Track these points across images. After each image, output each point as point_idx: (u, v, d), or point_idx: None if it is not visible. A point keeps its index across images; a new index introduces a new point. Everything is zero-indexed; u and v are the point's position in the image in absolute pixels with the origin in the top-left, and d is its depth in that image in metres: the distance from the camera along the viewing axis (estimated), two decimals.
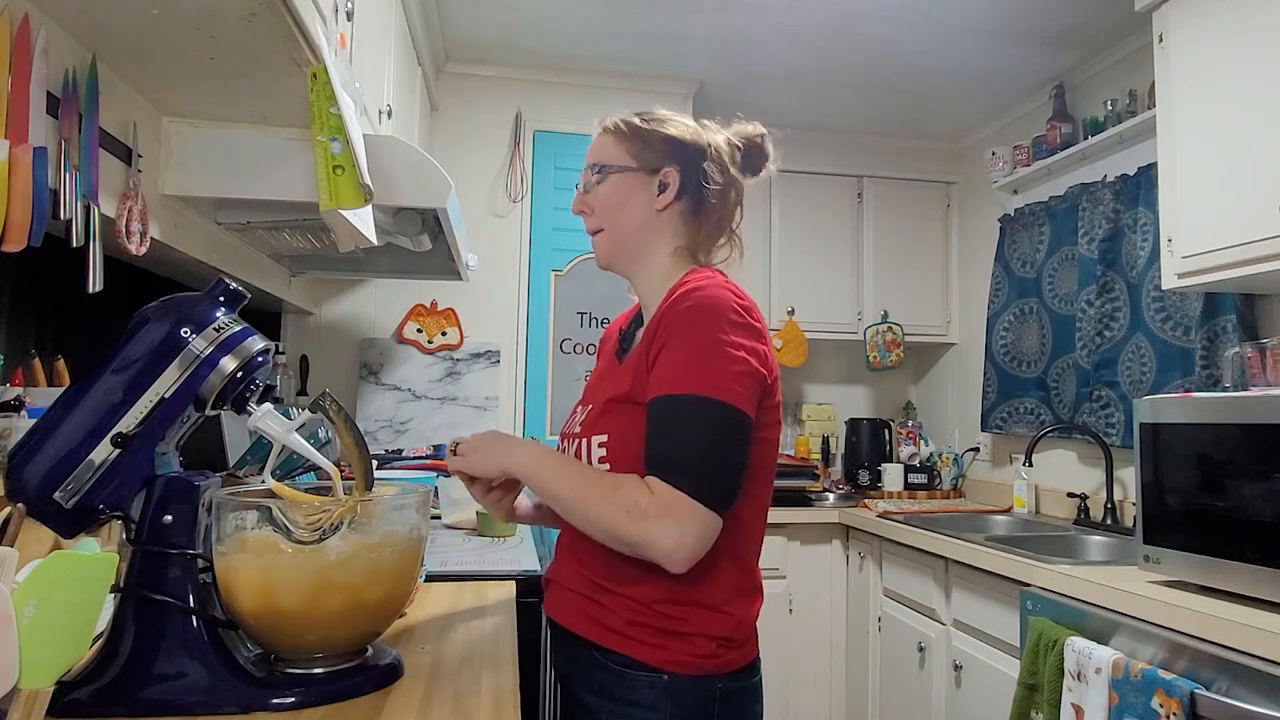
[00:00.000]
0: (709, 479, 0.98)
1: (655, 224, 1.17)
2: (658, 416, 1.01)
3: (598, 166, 1.19)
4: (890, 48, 2.78)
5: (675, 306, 1.05)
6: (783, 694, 2.94)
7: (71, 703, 0.85)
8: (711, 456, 0.98)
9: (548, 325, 2.99)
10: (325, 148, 1.23)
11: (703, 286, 1.06)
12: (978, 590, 2.25)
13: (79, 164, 1.12)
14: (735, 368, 1.01)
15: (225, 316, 0.97)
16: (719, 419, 0.99)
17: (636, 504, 0.97)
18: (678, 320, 1.04)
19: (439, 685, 0.99)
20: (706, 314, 1.03)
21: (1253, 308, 2.21)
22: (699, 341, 1.02)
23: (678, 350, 1.02)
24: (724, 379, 1.00)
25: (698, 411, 0.99)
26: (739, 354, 1.02)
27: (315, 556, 0.91)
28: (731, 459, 1.00)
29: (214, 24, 1.11)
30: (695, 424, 0.99)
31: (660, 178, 1.16)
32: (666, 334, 1.04)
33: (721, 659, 1.05)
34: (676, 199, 1.17)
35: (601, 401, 1.13)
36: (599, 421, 1.11)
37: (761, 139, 1.21)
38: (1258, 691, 1.36)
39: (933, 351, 3.71)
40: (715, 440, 0.99)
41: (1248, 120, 1.84)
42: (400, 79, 2.19)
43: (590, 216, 1.20)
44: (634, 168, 1.17)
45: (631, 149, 1.18)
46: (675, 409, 1.00)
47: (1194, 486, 1.66)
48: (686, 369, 1.01)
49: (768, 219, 3.43)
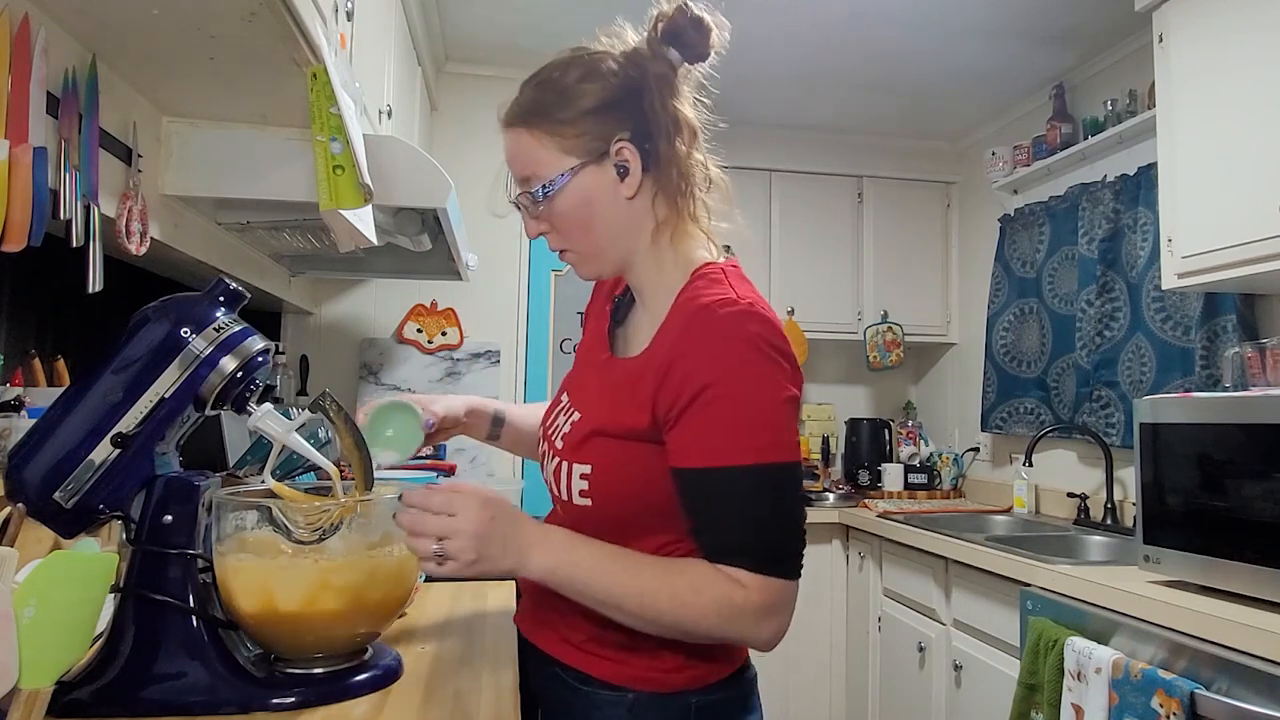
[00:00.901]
0: (793, 555, 0.88)
1: (632, 216, 0.95)
2: (716, 494, 0.86)
3: (535, 181, 0.94)
4: (890, 48, 2.78)
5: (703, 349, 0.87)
6: (783, 694, 2.94)
7: (71, 703, 0.85)
8: (789, 528, 0.88)
9: (548, 325, 2.99)
10: (325, 148, 1.23)
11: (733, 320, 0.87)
12: (978, 590, 2.25)
13: (79, 164, 1.12)
14: (787, 416, 0.87)
15: (225, 316, 0.97)
16: (785, 482, 0.87)
17: (730, 602, 0.85)
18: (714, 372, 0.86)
19: (439, 685, 0.99)
20: (751, 362, 0.86)
21: (1253, 308, 2.21)
22: (747, 397, 0.86)
23: (721, 410, 0.85)
24: (780, 434, 0.86)
25: (765, 482, 0.86)
26: (785, 394, 0.87)
27: (315, 556, 0.91)
28: (799, 515, 0.90)
29: (214, 24, 1.10)
30: (766, 497, 0.86)
31: (615, 159, 0.93)
32: (697, 386, 0.86)
33: (691, 672, 0.94)
34: (646, 172, 0.94)
35: (590, 418, 0.96)
36: (584, 447, 0.95)
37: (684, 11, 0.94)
38: (1258, 691, 1.36)
39: (933, 351, 3.71)
40: (788, 509, 0.88)
41: (1248, 120, 1.84)
42: (400, 79, 2.19)
43: (551, 235, 0.98)
44: (578, 164, 0.93)
45: (563, 142, 0.93)
46: (740, 485, 0.85)
47: (1194, 486, 1.66)
48: (738, 433, 0.85)
49: (768, 219, 3.43)
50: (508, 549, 0.86)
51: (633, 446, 0.91)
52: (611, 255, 0.98)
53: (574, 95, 0.93)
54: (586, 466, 0.93)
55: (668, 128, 0.94)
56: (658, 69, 0.94)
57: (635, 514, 0.93)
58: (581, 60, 0.96)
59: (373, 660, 0.99)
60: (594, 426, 0.95)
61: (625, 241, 0.97)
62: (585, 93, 0.93)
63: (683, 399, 0.86)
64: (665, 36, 0.95)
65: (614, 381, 0.97)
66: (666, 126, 0.94)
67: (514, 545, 0.86)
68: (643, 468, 0.91)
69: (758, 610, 0.85)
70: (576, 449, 0.95)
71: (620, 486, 0.92)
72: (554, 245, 1.00)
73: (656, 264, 0.98)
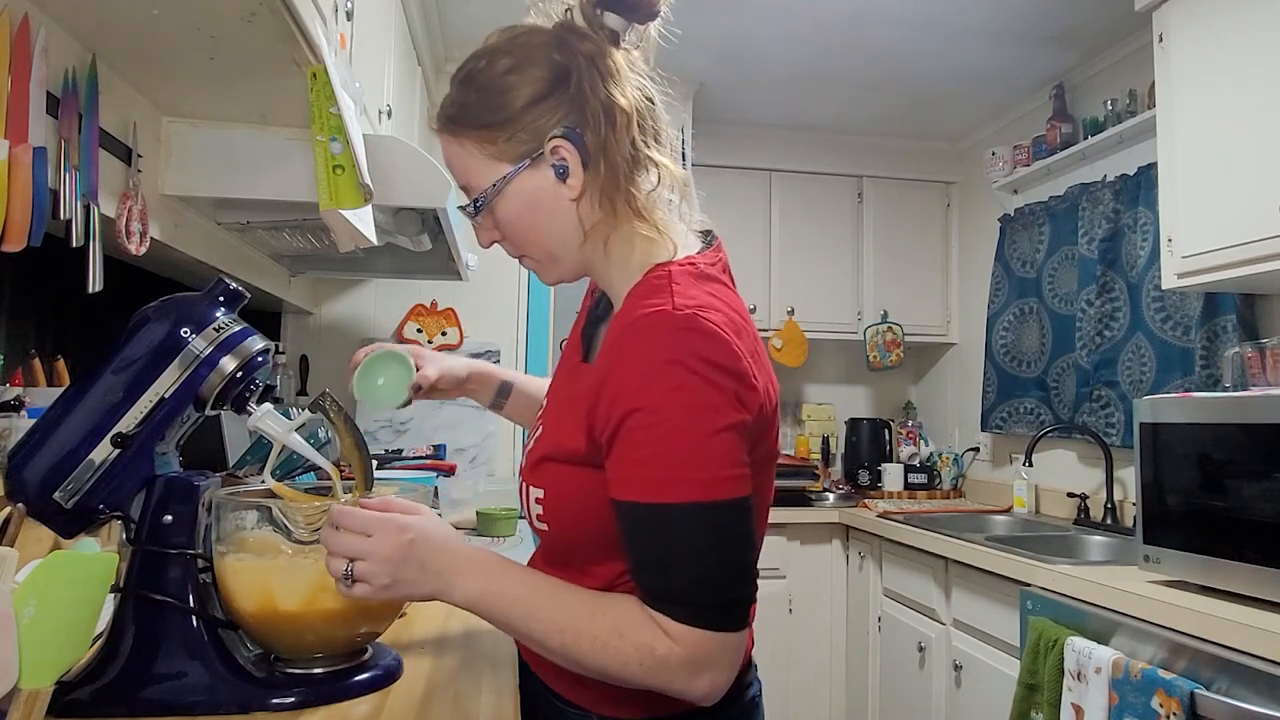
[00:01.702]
0: (731, 602, 0.77)
1: (580, 217, 0.87)
2: (647, 533, 0.77)
3: (471, 192, 0.88)
4: (890, 48, 2.78)
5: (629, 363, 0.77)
6: (783, 694, 2.94)
7: (71, 703, 0.85)
8: (727, 573, 0.77)
9: (548, 325, 2.99)
10: (325, 148, 1.23)
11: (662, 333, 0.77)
12: (978, 590, 2.25)
13: (79, 164, 1.12)
14: (728, 446, 0.76)
15: (225, 316, 0.97)
16: (724, 522, 0.76)
17: (653, 653, 0.75)
18: (635, 389, 0.76)
19: (439, 685, 0.99)
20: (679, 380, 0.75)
21: (1253, 308, 2.21)
22: (676, 425, 0.75)
23: (645, 438, 0.76)
24: (717, 468, 0.75)
25: (698, 522, 0.75)
26: (725, 421, 0.76)
27: (315, 556, 0.90)
28: (745, 562, 0.79)
29: (214, 24, 1.10)
30: (699, 538, 0.76)
31: (552, 160, 0.85)
32: (624, 410, 0.76)
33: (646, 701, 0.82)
34: (586, 168, 0.85)
35: (546, 438, 0.90)
36: (538, 470, 0.88)
37: None
38: (1258, 691, 1.36)
39: (933, 351, 3.71)
40: (726, 550, 0.77)
41: (1248, 120, 1.84)
42: (400, 79, 2.19)
43: (504, 242, 0.92)
44: (511, 171, 0.85)
45: (493, 148, 0.86)
46: (667, 525, 0.76)
47: (1194, 486, 1.66)
48: (668, 467, 0.75)
49: (768, 219, 3.43)
50: (427, 573, 0.79)
51: (581, 472, 0.83)
52: (567, 260, 0.91)
53: (499, 91, 0.85)
54: (540, 491, 0.87)
55: (602, 117, 0.83)
56: (587, 48, 0.84)
57: (589, 542, 0.85)
58: (507, 46, 0.87)
59: (373, 660, 0.99)
60: (545, 451, 0.88)
61: (578, 243, 0.88)
62: (511, 86, 0.85)
63: (611, 424, 0.78)
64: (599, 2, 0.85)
65: (572, 395, 0.88)
66: (600, 115, 0.83)
67: (435, 570, 0.80)
68: (591, 495, 0.81)
69: (684, 664, 0.75)
70: (532, 471, 0.89)
71: (570, 514, 0.85)
72: (510, 252, 0.93)
73: (614, 265, 0.90)
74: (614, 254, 0.89)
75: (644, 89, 0.88)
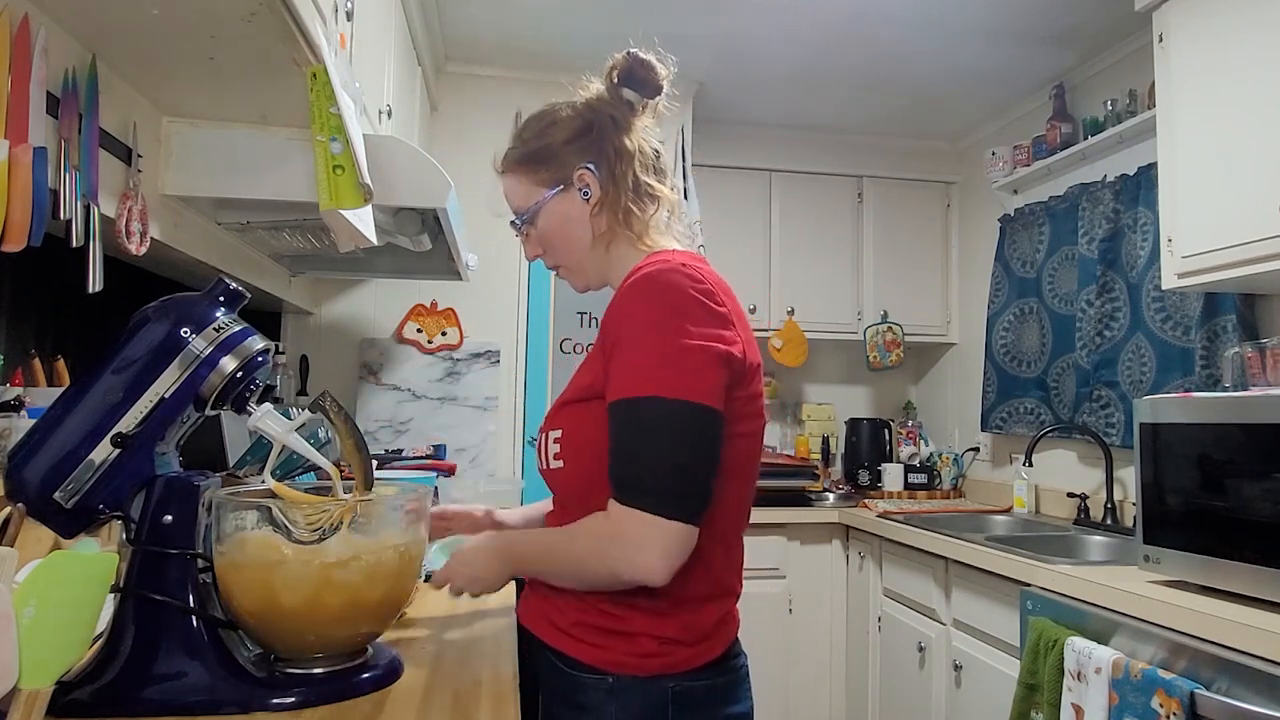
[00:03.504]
0: (671, 492, 0.92)
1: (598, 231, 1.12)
2: (615, 425, 0.96)
3: (520, 213, 1.16)
4: (890, 48, 2.78)
5: (626, 297, 0.99)
6: (783, 694, 2.94)
7: (71, 703, 0.85)
8: (669, 464, 0.92)
9: (548, 325, 2.99)
10: (325, 148, 1.23)
11: (655, 272, 0.99)
12: (978, 590, 2.25)
13: (79, 164, 1.12)
14: (693, 359, 0.93)
15: (225, 316, 0.97)
16: (676, 420, 0.92)
17: (598, 536, 0.95)
18: (629, 312, 0.98)
19: (439, 685, 0.99)
20: (658, 301, 0.96)
21: (1253, 308, 2.21)
22: (651, 334, 0.95)
23: (629, 346, 0.96)
24: (680, 373, 0.92)
25: (656, 414, 0.92)
26: (696, 342, 0.94)
27: (315, 557, 0.91)
28: (699, 461, 0.94)
29: (214, 24, 1.11)
30: (654, 430, 0.92)
31: (578, 185, 1.12)
32: (617, 328, 0.98)
33: (668, 657, 0.99)
34: (604, 192, 1.11)
35: (564, 393, 1.10)
36: (557, 415, 1.08)
37: (633, 57, 1.13)
38: (1258, 691, 1.36)
39: (933, 351, 3.71)
40: (678, 445, 0.92)
41: (1248, 120, 1.84)
42: (400, 79, 2.19)
43: (543, 255, 1.18)
44: (549, 194, 1.12)
45: (535, 176, 1.13)
46: (631, 415, 0.94)
47: (1194, 486, 1.66)
48: (639, 368, 0.94)
49: (768, 219, 3.43)
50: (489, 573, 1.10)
51: (591, 407, 1.01)
52: (589, 267, 1.16)
53: (541, 139, 1.14)
54: (559, 431, 1.05)
55: (618, 155, 1.12)
56: (612, 111, 1.13)
57: (599, 469, 0.97)
58: (546, 113, 1.16)
59: (373, 660, 0.99)
60: (566, 398, 1.08)
61: (597, 253, 1.14)
62: (549, 135, 1.14)
63: (609, 342, 0.99)
64: (620, 80, 1.14)
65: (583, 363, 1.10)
66: (616, 154, 1.11)
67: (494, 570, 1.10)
68: (599, 424, 0.98)
69: (613, 538, 0.93)
70: (552, 419, 1.08)
71: (584, 445, 1.01)
72: (548, 264, 1.20)
73: (614, 263, 1.14)
74: (614, 254, 1.14)
75: (648, 141, 1.15)
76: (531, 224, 1.15)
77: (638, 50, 1.14)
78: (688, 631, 1.00)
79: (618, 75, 1.14)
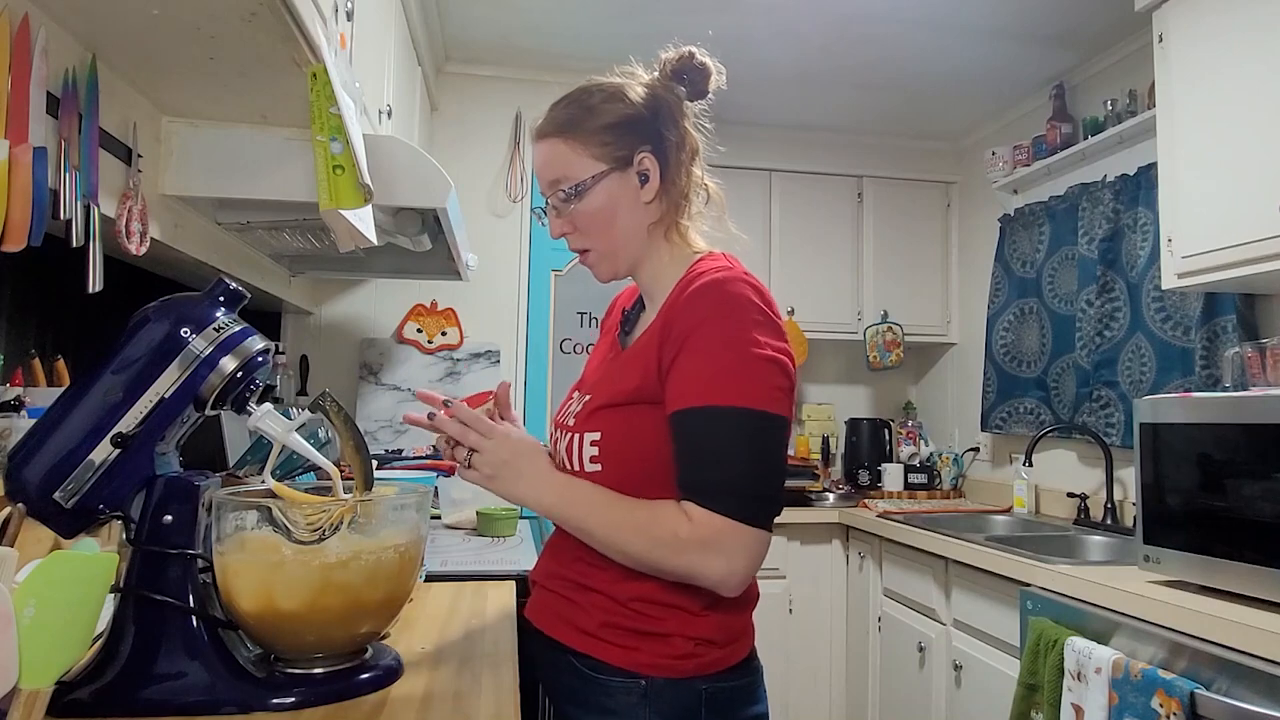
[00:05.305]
0: (752, 498, 0.92)
1: (646, 219, 1.07)
2: (688, 433, 0.94)
3: (566, 183, 1.05)
4: (890, 48, 2.78)
5: (692, 303, 0.97)
6: (783, 694, 2.94)
7: (71, 703, 0.85)
8: (752, 473, 0.93)
9: (548, 325, 2.99)
10: (325, 148, 1.23)
11: (720, 280, 0.97)
12: (978, 590, 2.25)
13: (79, 164, 1.12)
14: (767, 369, 0.93)
15: (225, 316, 0.97)
16: (757, 429, 0.93)
17: (676, 536, 0.92)
18: (697, 319, 0.95)
19: (439, 685, 0.99)
20: (731, 312, 0.95)
21: (1253, 308, 2.21)
22: (726, 343, 0.94)
23: (702, 354, 0.94)
24: (757, 383, 0.93)
25: (733, 424, 0.92)
26: (767, 353, 0.94)
27: (315, 557, 0.91)
28: (773, 470, 0.95)
29: (214, 24, 1.10)
30: (731, 438, 0.92)
31: (638, 168, 1.05)
32: (684, 334, 0.95)
33: (702, 658, 0.98)
34: (663, 180, 1.06)
35: (599, 395, 1.05)
36: (593, 418, 1.03)
37: (691, 55, 1.09)
38: (1258, 691, 1.36)
39: (933, 351, 3.71)
40: (755, 454, 0.93)
41: (1248, 120, 1.84)
42: (400, 79, 2.19)
43: (574, 235, 1.08)
44: (606, 170, 1.04)
45: (593, 149, 1.04)
46: (707, 424, 0.93)
47: (1194, 486, 1.66)
48: (715, 376, 0.93)
49: (768, 219, 3.43)
50: (520, 482, 0.99)
51: (636, 411, 0.99)
52: (625, 255, 1.09)
53: (602, 113, 1.05)
54: (596, 434, 1.01)
55: (679, 145, 1.07)
56: (670, 97, 1.08)
57: (641, 473, 0.98)
58: (604, 87, 1.08)
59: (373, 660, 0.99)
60: (601, 401, 1.04)
61: (638, 242, 1.08)
62: (611, 111, 1.06)
63: (672, 350, 0.96)
64: (674, 74, 1.09)
65: (621, 365, 1.07)
66: (678, 144, 1.07)
67: (528, 480, 0.99)
68: (644, 429, 0.98)
69: (700, 544, 0.91)
70: (587, 420, 1.03)
71: (626, 448, 0.99)
72: (575, 245, 1.09)
73: (662, 261, 1.10)
74: (664, 252, 1.09)
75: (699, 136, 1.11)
76: (578, 199, 1.05)
77: (695, 49, 1.09)
78: (721, 632, 1.00)
79: (671, 69, 1.09)
